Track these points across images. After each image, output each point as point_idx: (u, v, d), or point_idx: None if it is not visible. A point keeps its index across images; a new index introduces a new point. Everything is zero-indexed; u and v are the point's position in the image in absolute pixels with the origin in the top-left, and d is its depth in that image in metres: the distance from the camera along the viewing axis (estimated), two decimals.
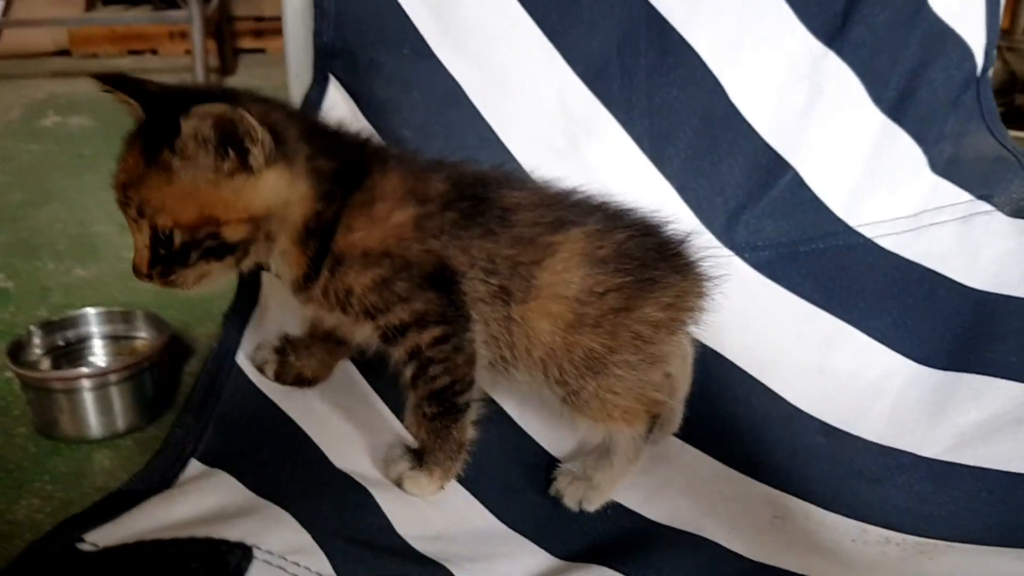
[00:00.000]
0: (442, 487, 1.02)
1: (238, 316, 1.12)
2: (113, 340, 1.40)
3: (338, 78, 1.35)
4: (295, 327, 1.14)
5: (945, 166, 1.47)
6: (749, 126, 1.43)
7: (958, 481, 1.11)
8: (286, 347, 1.11)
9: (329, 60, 1.34)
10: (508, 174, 1.12)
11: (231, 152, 0.88)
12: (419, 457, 1.01)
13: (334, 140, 1.01)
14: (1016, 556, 0.94)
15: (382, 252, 0.95)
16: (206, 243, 0.90)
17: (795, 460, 1.18)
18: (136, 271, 0.92)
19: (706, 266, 1.10)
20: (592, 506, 1.07)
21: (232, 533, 0.71)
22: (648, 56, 1.40)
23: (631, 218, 1.09)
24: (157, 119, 0.90)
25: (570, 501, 1.07)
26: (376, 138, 1.16)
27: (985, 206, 1.44)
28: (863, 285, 1.37)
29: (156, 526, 0.72)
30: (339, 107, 1.36)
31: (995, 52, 1.49)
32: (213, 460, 0.87)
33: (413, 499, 0.99)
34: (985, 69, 1.48)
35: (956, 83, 1.46)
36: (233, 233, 0.91)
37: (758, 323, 1.34)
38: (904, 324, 1.33)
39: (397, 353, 0.98)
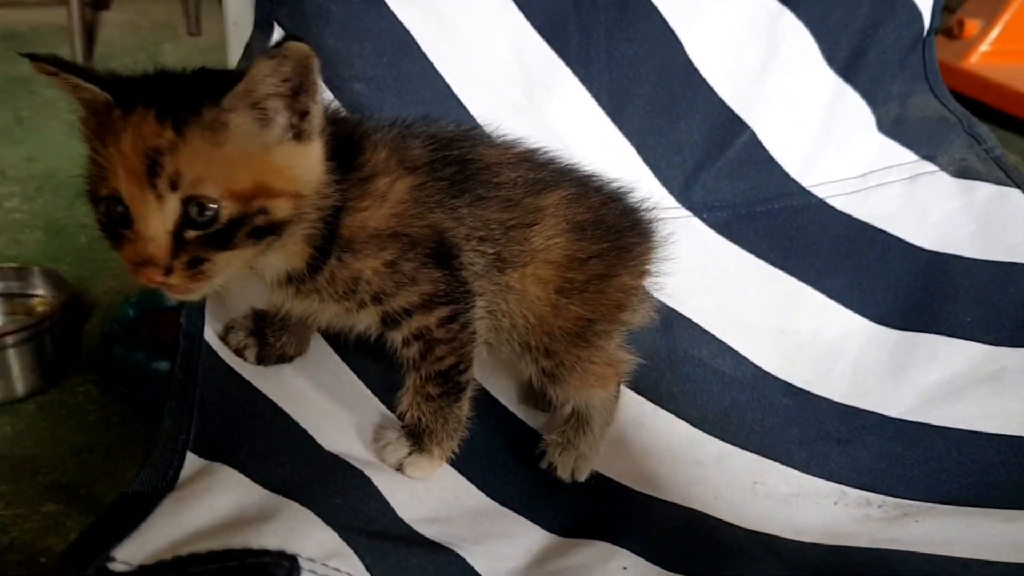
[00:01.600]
0: (440, 466, 0.98)
1: None
2: (7, 298, 1.29)
3: (283, 27, 1.25)
4: (258, 293, 1.06)
5: (891, 126, 1.49)
6: (707, 84, 1.41)
7: (926, 441, 1.13)
8: (261, 326, 1.02)
9: (273, 6, 1.24)
10: (475, 132, 1.06)
11: (293, 110, 0.78)
12: (417, 439, 0.97)
13: (331, 109, 0.92)
14: (1004, 517, 0.96)
15: (389, 232, 0.88)
16: (256, 219, 0.77)
17: (765, 423, 1.18)
18: (146, 264, 0.75)
19: (663, 231, 1.09)
20: (583, 475, 1.05)
21: (270, 541, 0.65)
22: (607, 12, 1.36)
23: (600, 182, 1.07)
24: (147, 93, 0.76)
25: (563, 472, 1.05)
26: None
27: (930, 166, 1.47)
28: (819, 245, 1.38)
29: (182, 536, 0.66)
30: None
31: (940, 13, 1.51)
32: (209, 452, 0.79)
33: (404, 479, 0.94)
34: (931, 30, 1.50)
35: (904, 43, 1.47)
36: (281, 209, 0.79)
37: (719, 285, 1.33)
38: (859, 284, 1.34)
39: (399, 335, 0.93)
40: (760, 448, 1.14)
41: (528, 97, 1.35)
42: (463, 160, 0.96)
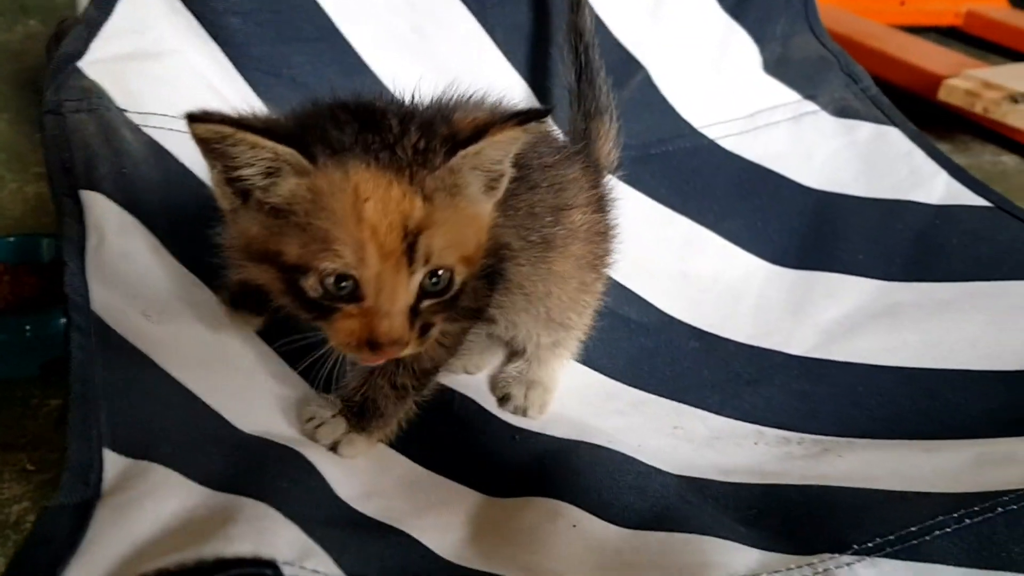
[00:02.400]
0: (374, 447, 0.92)
1: (73, 249, 0.91)
2: None
3: None
4: (144, 259, 0.95)
5: (775, 66, 1.50)
6: (601, 22, 1.37)
7: (831, 377, 1.15)
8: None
9: None
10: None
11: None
12: (359, 419, 0.90)
13: None
14: (923, 448, 0.99)
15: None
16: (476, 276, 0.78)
17: (675, 367, 1.17)
18: (393, 344, 0.72)
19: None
20: (548, 408, 1.06)
21: (242, 547, 0.56)
22: None
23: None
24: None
25: (534, 411, 1.04)
26: None
27: (812, 106, 1.49)
28: (714, 187, 1.38)
29: (132, 551, 0.56)
30: None
31: None
32: (130, 449, 0.68)
33: (331, 454, 0.87)
34: None
35: None
36: (481, 265, 0.79)
37: (620, 229, 1.30)
38: (755, 225, 1.35)
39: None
40: (674, 393, 1.13)
41: (418, 33, 1.27)
42: None
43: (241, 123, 0.69)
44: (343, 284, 0.71)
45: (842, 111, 1.49)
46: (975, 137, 2.31)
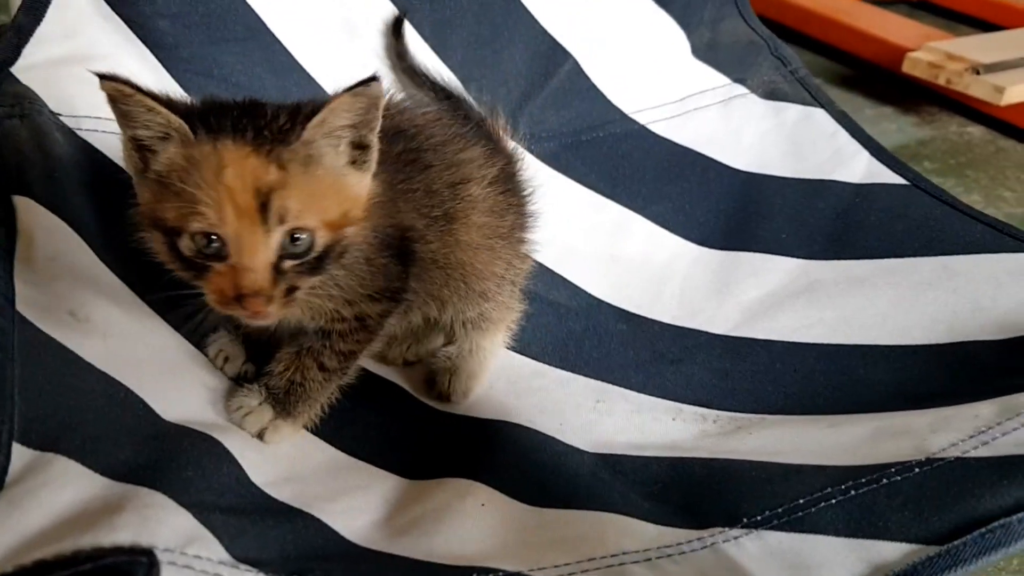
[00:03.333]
0: (299, 432, 0.97)
1: (0, 252, 0.94)
2: None
3: None
4: (72, 259, 0.98)
5: (705, 51, 1.53)
6: (528, 12, 1.40)
7: (751, 355, 1.18)
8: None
9: None
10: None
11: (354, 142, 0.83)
12: (283, 405, 0.95)
13: None
14: (829, 423, 1.03)
15: (372, 231, 0.90)
16: (342, 244, 0.83)
17: (602, 348, 1.21)
18: (254, 295, 0.78)
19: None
20: (472, 394, 1.10)
21: (122, 536, 0.60)
22: None
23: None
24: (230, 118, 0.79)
25: (457, 396, 1.09)
26: None
27: (741, 89, 1.52)
28: (643, 172, 1.41)
29: (20, 542, 0.59)
30: None
31: None
32: (38, 442, 0.72)
33: (253, 441, 0.91)
34: None
35: None
36: (354, 234, 0.85)
37: (550, 215, 1.33)
38: (683, 208, 1.39)
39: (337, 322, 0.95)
40: (599, 373, 1.17)
41: (349, 32, 1.30)
42: (402, 131, 0.99)
43: (140, 88, 0.79)
44: (212, 243, 0.78)
45: (771, 94, 1.52)
46: (941, 108, 2.36)
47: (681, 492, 0.93)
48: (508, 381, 1.15)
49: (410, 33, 1.33)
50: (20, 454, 0.70)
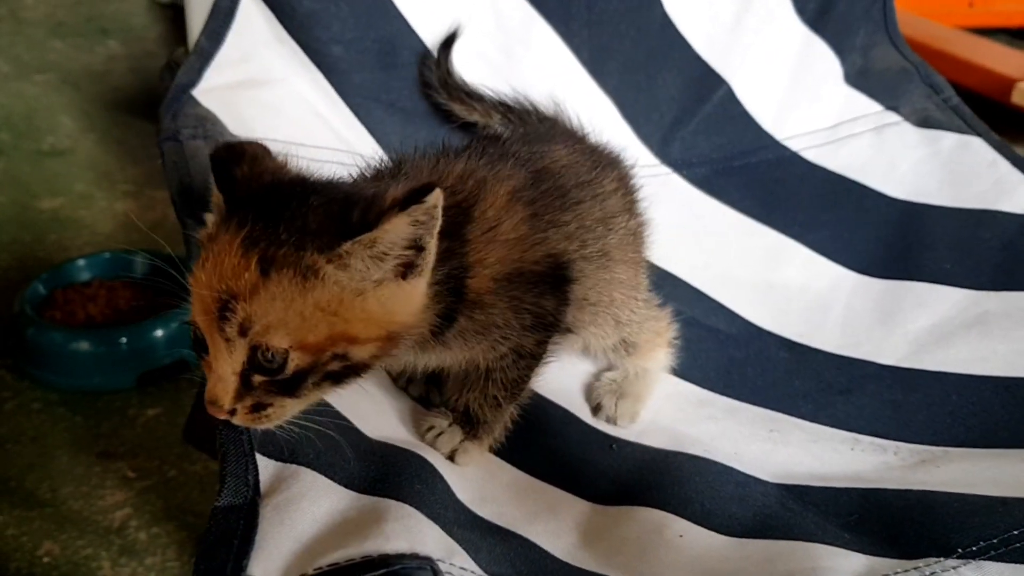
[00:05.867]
0: (484, 455, 0.97)
1: None
2: None
3: None
4: None
5: (856, 77, 1.51)
6: (683, 38, 1.40)
7: (924, 387, 1.15)
8: None
9: None
10: (527, 133, 1.05)
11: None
12: (470, 428, 0.95)
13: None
14: (1021, 457, 0.99)
15: (514, 272, 0.86)
16: (329, 366, 0.73)
17: (766, 377, 1.19)
18: (212, 404, 0.72)
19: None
20: (639, 418, 1.09)
21: (396, 545, 0.60)
22: None
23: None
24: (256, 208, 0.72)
25: (623, 420, 1.08)
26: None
27: (894, 116, 1.50)
28: (799, 199, 1.39)
29: (300, 548, 0.60)
30: (254, 20, 1.21)
31: None
32: (275, 453, 0.73)
33: (446, 461, 0.92)
34: None
35: None
36: (363, 353, 0.74)
37: (705, 242, 1.33)
38: (840, 236, 1.36)
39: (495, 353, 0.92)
40: (766, 402, 1.15)
41: (507, 55, 1.32)
42: (547, 169, 0.96)
43: (217, 163, 0.75)
44: (198, 333, 0.73)
45: (924, 121, 1.49)
46: None
47: (880, 523, 0.90)
48: (675, 408, 1.14)
49: (566, 57, 1.34)
50: (265, 464, 0.71)
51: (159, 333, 2.00)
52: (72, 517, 1.67)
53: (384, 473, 0.77)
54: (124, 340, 2.00)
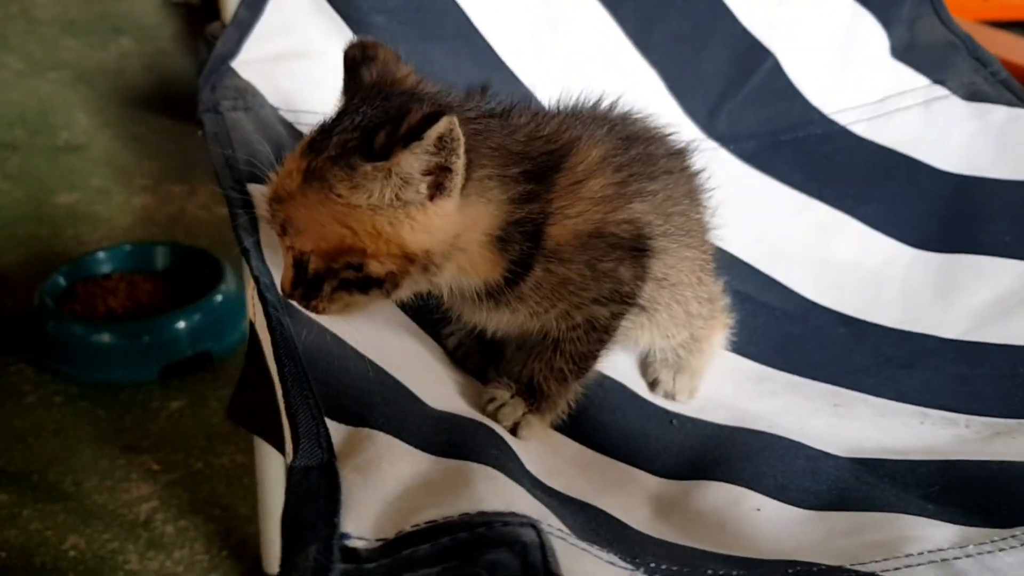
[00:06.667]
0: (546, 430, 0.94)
1: (247, 236, 0.93)
2: None
3: None
4: None
5: (903, 51, 1.47)
6: (728, 10, 1.37)
7: (990, 360, 1.11)
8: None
9: None
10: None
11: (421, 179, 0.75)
12: (533, 401, 0.91)
13: (526, 130, 0.84)
14: None
15: (595, 232, 0.84)
16: (343, 274, 0.78)
17: (825, 353, 1.16)
18: (282, 288, 0.81)
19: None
20: (696, 392, 1.05)
21: (492, 505, 0.57)
22: None
23: None
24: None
25: (682, 395, 1.05)
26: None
27: (942, 90, 1.46)
28: (849, 173, 1.36)
29: (386, 508, 0.57)
30: None
31: None
32: (346, 417, 0.70)
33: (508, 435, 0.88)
34: None
35: None
36: (380, 268, 0.77)
37: (755, 216, 1.29)
38: (893, 210, 1.33)
39: (566, 322, 0.89)
40: (827, 377, 1.11)
41: (552, 26, 1.29)
42: (638, 137, 0.94)
43: (348, 62, 0.83)
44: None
45: (973, 95, 1.45)
46: None
47: (965, 494, 0.87)
48: (734, 383, 1.10)
49: (612, 28, 1.31)
50: (335, 428, 0.68)
51: (181, 325, 1.97)
52: (97, 511, 1.63)
53: (457, 439, 0.74)
54: (146, 333, 1.97)
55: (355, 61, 0.83)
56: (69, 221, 2.54)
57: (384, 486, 0.61)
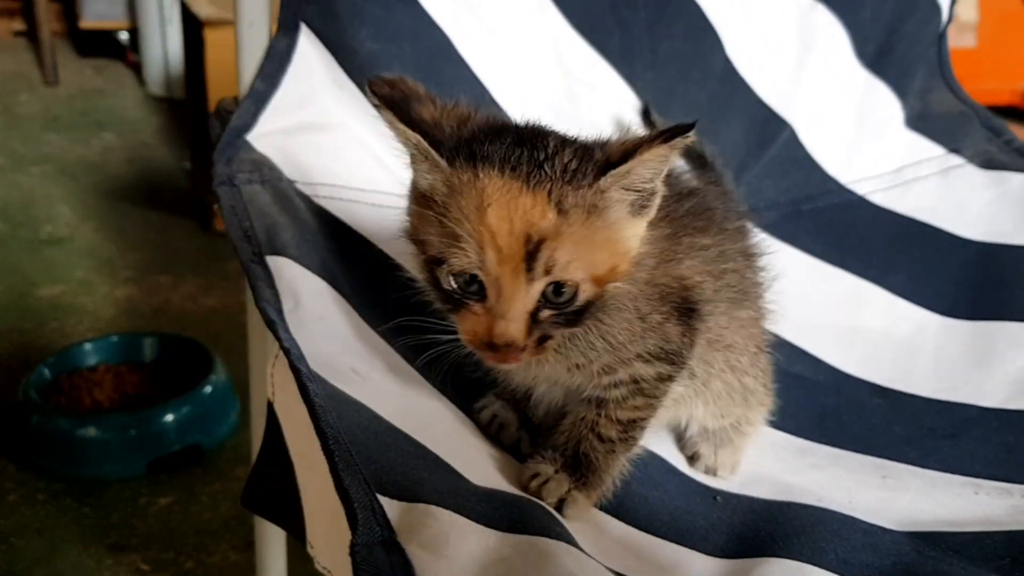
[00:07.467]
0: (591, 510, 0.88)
1: (273, 310, 0.89)
2: None
3: (312, 28, 1.15)
4: (339, 321, 0.93)
5: (917, 121, 1.48)
6: (744, 82, 1.37)
7: None
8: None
9: (302, 5, 1.13)
10: None
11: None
12: (577, 475, 0.86)
13: None
14: None
15: (645, 283, 0.82)
16: (606, 296, 0.76)
17: (864, 424, 1.12)
18: (506, 345, 0.73)
19: None
20: (738, 468, 1.01)
21: None
22: (647, 8, 1.30)
23: None
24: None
25: (724, 470, 1.00)
26: None
27: (957, 159, 1.46)
28: (871, 242, 1.35)
29: None
30: (311, 63, 1.16)
31: (954, 8, 1.52)
32: (397, 493, 0.65)
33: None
34: (946, 25, 1.51)
35: (926, 38, 1.48)
36: (618, 287, 0.77)
37: (781, 287, 1.27)
38: (919, 278, 1.31)
39: (608, 379, 0.85)
40: (869, 449, 1.07)
41: (570, 99, 1.28)
42: (691, 191, 0.93)
43: (393, 104, 0.75)
44: (471, 282, 0.73)
45: (988, 163, 1.46)
46: None
47: None
48: (775, 457, 1.06)
49: (630, 100, 1.30)
50: (388, 504, 0.63)
51: (169, 418, 1.92)
52: None
53: (517, 515, 0.69)
54: (133, 426, 1.91)
55: (394, 99, 0.77)
56: (52, 313, 2.49)
57: (459, 563, 0.56)
